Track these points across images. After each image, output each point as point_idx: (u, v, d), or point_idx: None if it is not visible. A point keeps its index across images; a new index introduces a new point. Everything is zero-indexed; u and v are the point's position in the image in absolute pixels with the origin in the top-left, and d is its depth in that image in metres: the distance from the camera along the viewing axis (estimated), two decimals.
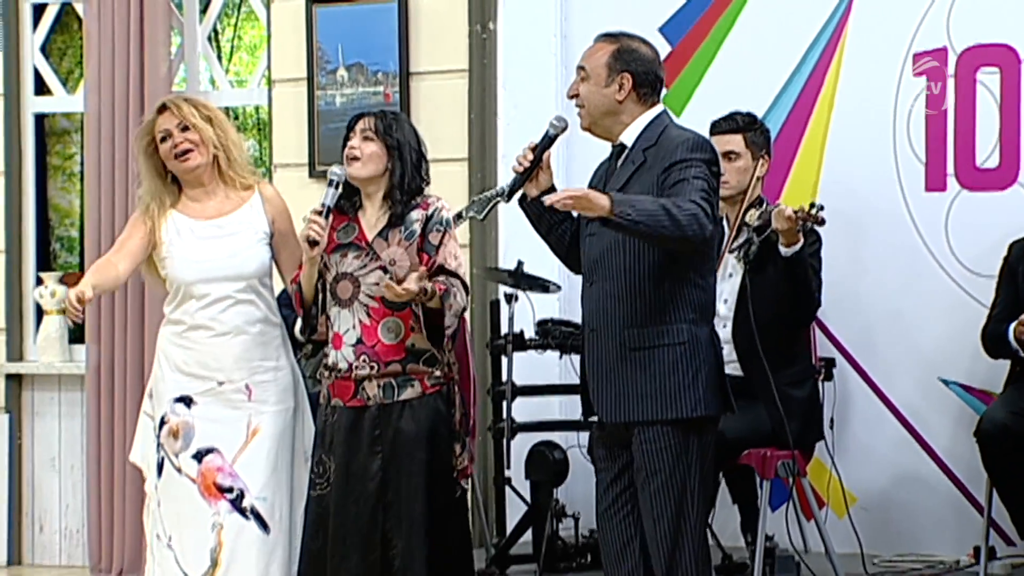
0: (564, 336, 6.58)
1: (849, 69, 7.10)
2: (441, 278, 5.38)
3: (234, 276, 5.70)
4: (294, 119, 7.91)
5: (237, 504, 5.68)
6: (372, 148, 5.46)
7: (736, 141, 6.32)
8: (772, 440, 6.00)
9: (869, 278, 7.04)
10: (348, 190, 5.54)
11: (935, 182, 6.97)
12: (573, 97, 5.16)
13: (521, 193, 5.18)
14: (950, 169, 6.94)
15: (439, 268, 5.42)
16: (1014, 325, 6.19)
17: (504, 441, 6.58)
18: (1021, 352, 6.22)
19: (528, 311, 6.69)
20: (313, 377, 6.47)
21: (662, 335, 4.99)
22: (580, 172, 6.08)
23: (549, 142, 5.13)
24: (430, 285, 5.30)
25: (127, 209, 7.68)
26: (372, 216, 5.52)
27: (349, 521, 5.43)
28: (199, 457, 5.69)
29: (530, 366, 6.64)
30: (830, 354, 6.92)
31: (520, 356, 6.61)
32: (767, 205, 6.18)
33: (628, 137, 5.11)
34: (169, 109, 5.76)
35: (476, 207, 6.30)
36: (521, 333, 6.61)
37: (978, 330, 6.50)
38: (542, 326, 6.67)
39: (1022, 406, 6.19)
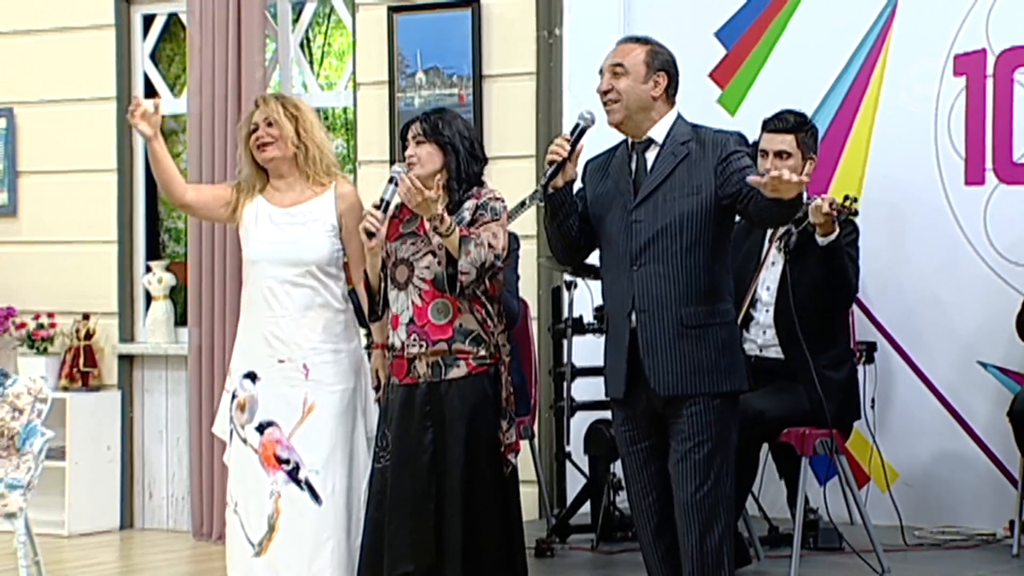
0: None
1: (893, 69, 6.96)
2: (473, 228, 5.32)
3: (293, 261, 5.68)
4: (377, 119, 7.89)
5: (293, 475, 5.66)
6: (426, 150, 5.42)
7: (788, 141, 6.13)
8: (811, 420, 5.87)
9: (911, 266, 6.90)
10: None
11: (974, 176, 6.81)
12: (607, 93, 5.05)
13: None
14: (988, 164, 6.78)
15: (480, 222, 5.35)
16: None
17: (564, 419, 6.52)
18: None
19: (587, 298, 6.61)
20: None
21: (713, 314, 4.96)
22: None
23: (581, 134, 5.05)
24: (448, 216, 5.25)
25: None
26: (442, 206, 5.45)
27: (404, 492, 5.39)
28: (261, 429, 5.69)
29: (588, 349, 6.54)
30: (873, 338, 6.80)
31: (579, 340, 6.55)
32: (806, 199, 6.04)
33: (658, 133, 5.04)
34: (260, 105, 5.78)
35: (530, 198, 6.26)
36: (580, 318, 6.54)
37: (1014, 316, 6.34)
38: (599, 311, 6.58)
39: None
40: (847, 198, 5.78)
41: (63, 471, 8.41)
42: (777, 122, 6.18)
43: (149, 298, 8.61)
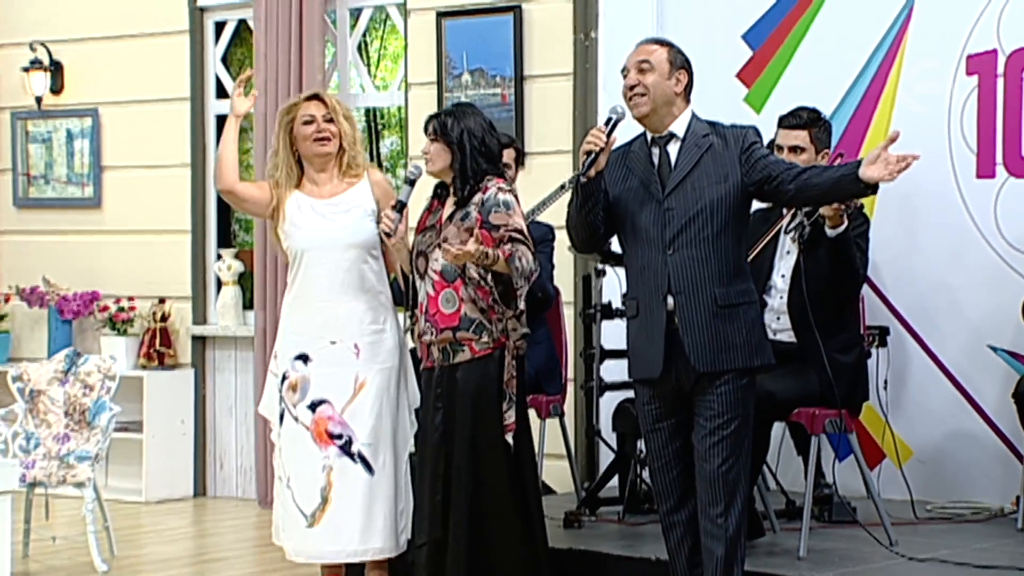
0: None
1: (909, 69, 6.81)
2: (508, 246, 5.25)
3: (347, 245, 5.64)
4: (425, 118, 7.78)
5: (346, 449, 5.61)
6: (436, 147, 5.38)
7: (802, 136, 6.04)
8: (820, 400, 5.74)
9: (925, 255, 6.75)
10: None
11: (985, 170, 6.64)
12: (633, 88, 4.99)
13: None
14: (999, 158, 6.61)
15: (510, 237, 5.28)
16: None
17: (594, 398, 6.42)
18: None
19: (615, 284, 6.49)
20: None
21: (742, 294, 4.97)
22: None
23: (614, 127, 4.99)
24: (491, 249, 5.19)
25: None
26: (450, 201, 5.42)
27: (424, 467, 5.39)
28: (313, 407, 5.64)
29: (617, 332, 6.42)
30: (887, 323, 6.66)
31: (608, 324, 6.43)
32: None
33: (679, 127, 5.01)
34: (321, 99, 5.73)
35: (569, 181, 6.17)
36: (609, 303, 6.42)
37: (1021, 302, 6.19)
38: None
39: None
40: None
41: (140, 443, 8.44)
42: (791, 119, 6.09)
43: (220, 283, 8.61)
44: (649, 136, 5.06)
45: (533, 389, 6.24)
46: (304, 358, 5.66)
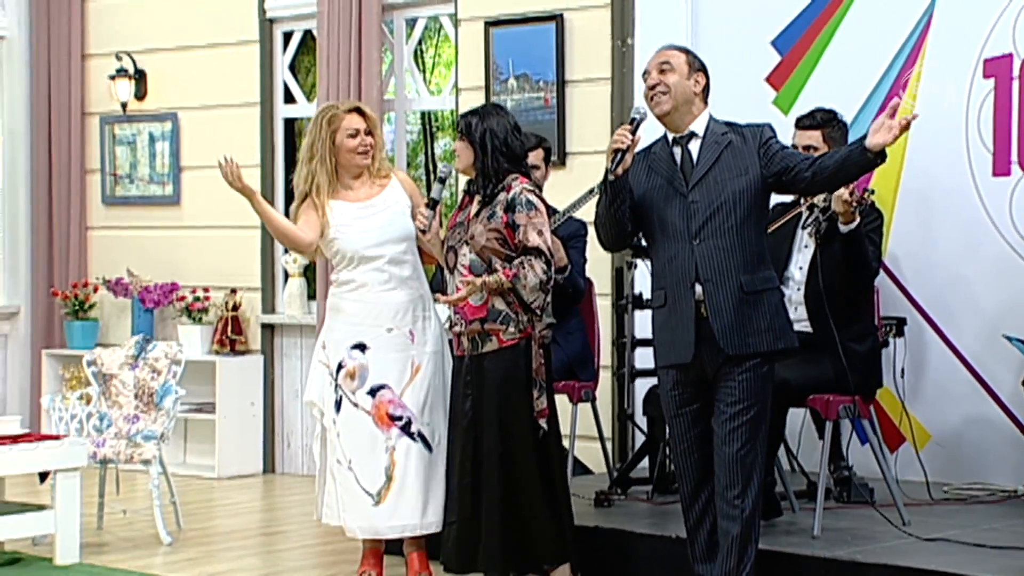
0: None
1: (929, 72, 6.64)
2: (516, 261, 5.20)
3: (396, 239, 5.62)
4: None
5: (407, 429, 5.58)
6: (461, 145, 5.34)
7: (816, 136, 5.92)
8: (834, 387, 5.62)
9: (943, 249, 6.59)
10: None
11: (1001, 168, 6.46)
12: (655, 87, 4.93)
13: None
14: (1014, 157, 6.43)
15: (522, 248, 5.21)
16: None
17: (626, 384, 6.34)
18: None
19: (646, 276, 6.38)
20: None
21: (765, 280, 4.92)
22: None
23: (637, 126, 4.91)
24: (491, 278, 5.17)
25: None
26: (477, 198, 5.37)
27: (455, 451, 5.35)
28: (373, 393, 5.60)
29: (648, 322, 6.35)
30: (908, 314, 6.54)
31: (640, 313, 6.34)
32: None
33: (698, 126, 4.96)
34: (362, 113, 5.68)
35: (598, 186, 6.04)
36: (640, 295, 6.34)
37: None
38: None
39: None
40: (865, 190, 5.55)
41: (213, 423, 8.45)
42: (806, 119, 5.99)
43: (287, 275, 8.59)
44: (670, 137, 4.99)
45: (567, 376, 6.16)
46: (361, 347, 5.62)
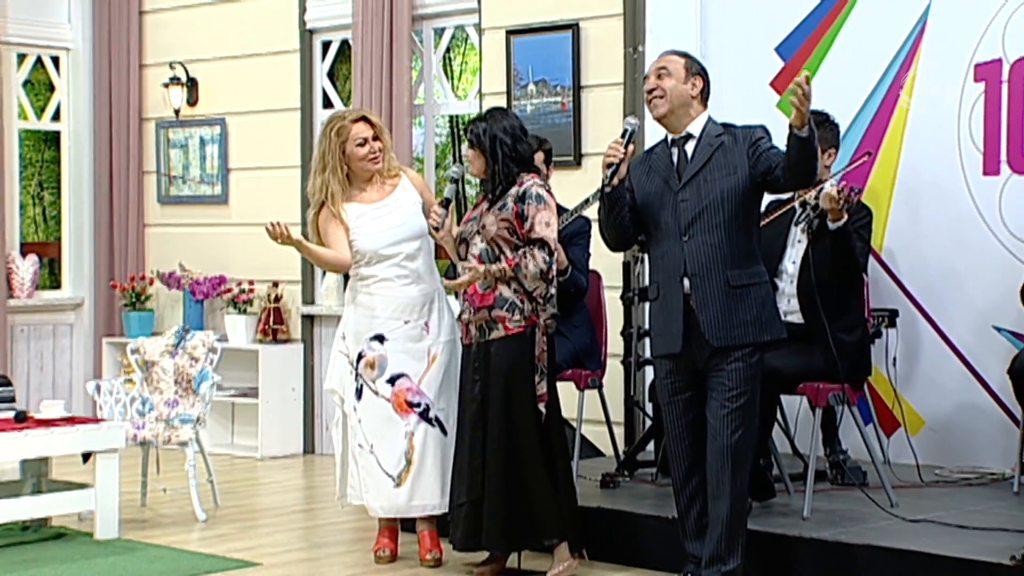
0: None
1: (923, 76, 6.50)
2: (521, 251, 5.14)
3: (411, 236, 5.57)
4: None
5: (425, 415, 5.54)
6: (472, 153, 5.28)
7: None
8: (824, 376, 5.51)
9: (936, 244, 6.45)
10: None
11: (991, 167, 6.32)
12: (652, 91, 4.85)
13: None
14: (1003, 157, 6.29)
15: (527, 240, 5.14)
16: None
17: (632, 371, 6.26)
18: None
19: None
20: None
21: (752, 275, 4.79)
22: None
23: (631, 138, 4.82)
24: (495, 266, 5.14)
25: None
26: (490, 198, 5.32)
27: (463, 435, 5.29)
28: (392, 381, 5.56)
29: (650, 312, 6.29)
30: (902, 306, 6.44)
31: (646, 305, 6.23)
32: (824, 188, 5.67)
33: (695, 128, 4.85)
34: (368, 121, 5.60)
35: (593, 196, 5.97)
36: (646, 288, 6.23)
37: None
38: None
39: None
40: (851, 189, 5.44)
41: (256, 407, 8.43)
42: None
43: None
44: (670, 138, 4.90)
45: (575, 365, 6.08)
46: (380, 338, 5.57)
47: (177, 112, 9.08)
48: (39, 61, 9.41)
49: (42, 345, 9.21)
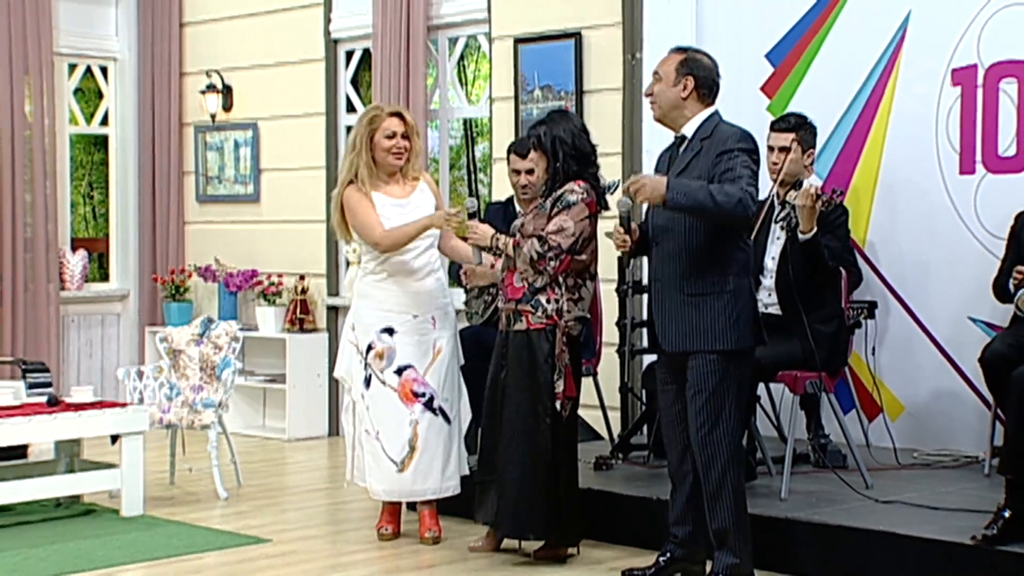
0: None
1: (903, 81, 6.41)
2: (530, 239, 5.08)
3: (426, 234, 5.50)
4: (506, 126, 7.64)
5: (429, 405, 5.50)
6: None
7: (788, 138, 5.74)
8: (802, 364, 5.44)
9: (915, 239, 6.36)
10: None
11: (967, 167, 6.22)
12: (649, 95, 4.73)
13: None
14: (978, 157, 6.19)
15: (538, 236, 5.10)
16: (1013, 275, 5.48)
17: (626, 360, 6.20)
18: (1016, 295, 5.49)
19: (644, 264, 6.24)
20: (477, 313, 6.21)
21: (712, 285, 4.57)
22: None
23: (628, 218, 4.72)
24: (503, 239, 5.12)
25: None
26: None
27: (491, 417, 5.23)
28: (399, 372, 5.53)
29: (645, 304, 6.22)
30: (882, 297, 6.35)
31: (639, 298, 6.20)
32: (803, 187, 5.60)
33: (688, 129, 4.67)
34: (403, 118, 5.54)
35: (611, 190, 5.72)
36: (640, 280, 6.19)
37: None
38: None
39: (1017, 339, 5.50)
40: (833, 191, 5.36)
41: (284, 392, 8.43)
42: (780, 123, 5.81)
43: (348, 263, 8.53)
44: (676, 137, 4.76)
45: None
46: (390, 331, 5.54)
47: (213, 117, 9.09)
48: (89, 70, 9.45)
49: (91, 333, 9.26)
